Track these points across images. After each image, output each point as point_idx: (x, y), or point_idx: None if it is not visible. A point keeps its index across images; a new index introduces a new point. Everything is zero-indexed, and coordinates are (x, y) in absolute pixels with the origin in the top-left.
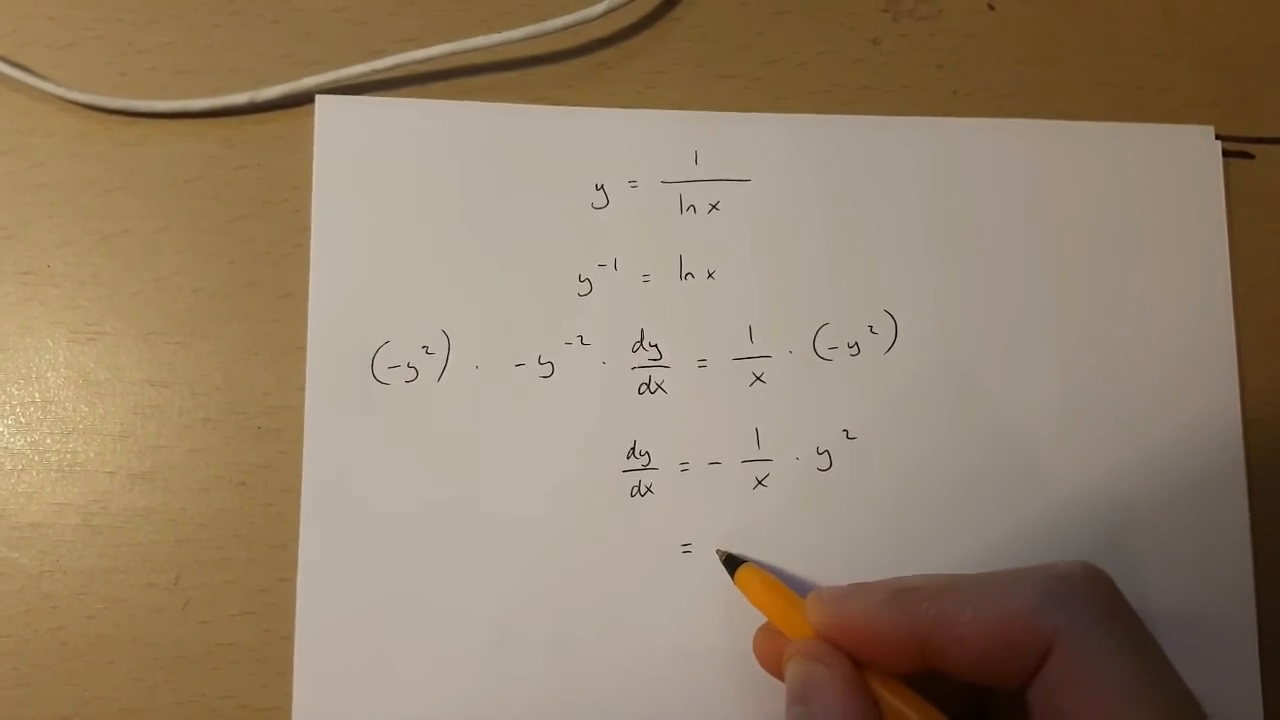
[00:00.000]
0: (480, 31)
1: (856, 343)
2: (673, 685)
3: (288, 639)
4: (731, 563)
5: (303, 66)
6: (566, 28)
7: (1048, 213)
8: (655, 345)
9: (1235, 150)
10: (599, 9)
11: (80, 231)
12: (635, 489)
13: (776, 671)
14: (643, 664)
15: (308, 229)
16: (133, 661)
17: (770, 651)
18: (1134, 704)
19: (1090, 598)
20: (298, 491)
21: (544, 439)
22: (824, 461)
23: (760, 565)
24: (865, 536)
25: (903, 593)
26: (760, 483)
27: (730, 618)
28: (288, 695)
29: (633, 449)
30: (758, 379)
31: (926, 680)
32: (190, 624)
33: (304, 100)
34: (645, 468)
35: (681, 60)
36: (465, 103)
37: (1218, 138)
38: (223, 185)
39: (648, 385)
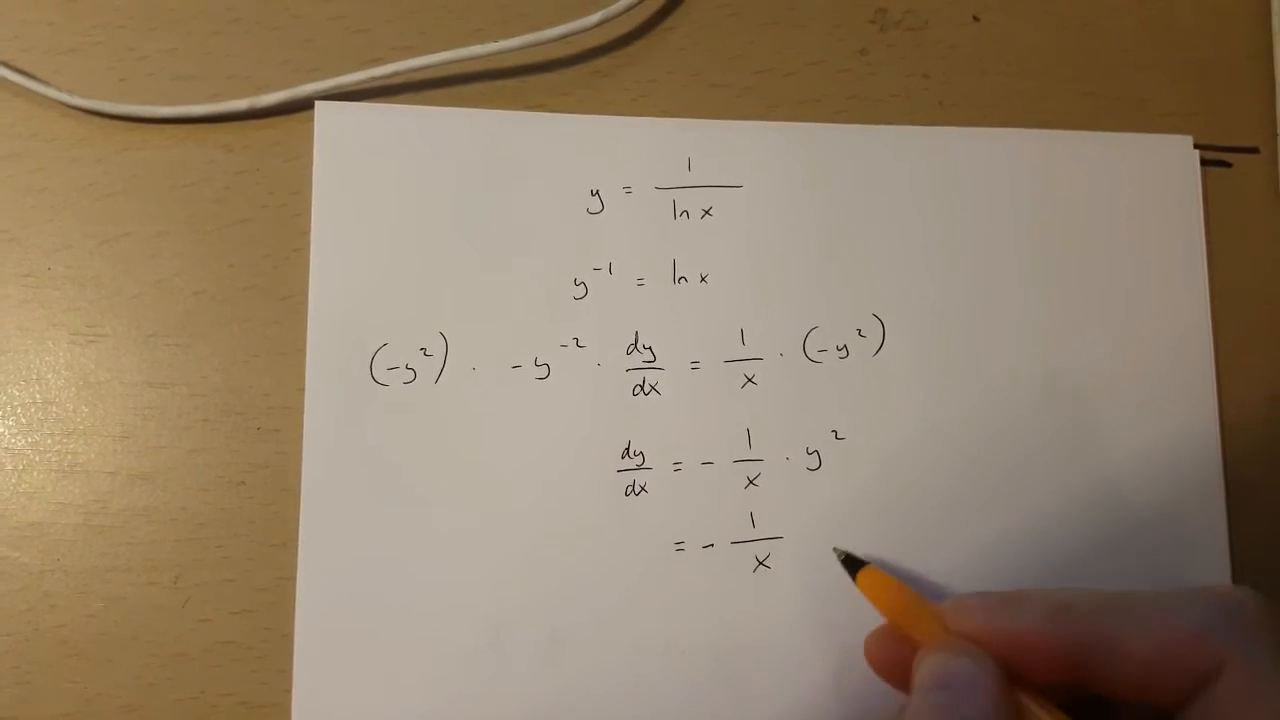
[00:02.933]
0: (477, 40)
1: (845, 346)
2: (666, 682)
3: (287, 637)
4: (851, 563)
5: (302, 73)
6: (562, 37)
7: (1030, 219)
8: (649, 348)
9: (1213, 159)
10: (594, 19)
11: (81, 235)
12: (630, 488)
13: (893, 677)
14: (637, 661)
15: (306, 233)
16: (133, 659)
17: (888, 657)
18: None
19: (1265, 621)
20: (296, 491)
21: (540, 439)
22: (813, 461)
23: (881, 565)
24: (854, 535)
25: (1063, 606)
26: (751, 482)
27: (723, 615)
28: (287, 693)
29: (627, 449)
30: (749, 381)
31: (1067, 689)
32: (190, 622)
33: (303, 106)
34: (639, 468)
35: (674, 69)
36: (462, 109)
37: (1196, 147)
38: (223, 189)
39: (642, 387)
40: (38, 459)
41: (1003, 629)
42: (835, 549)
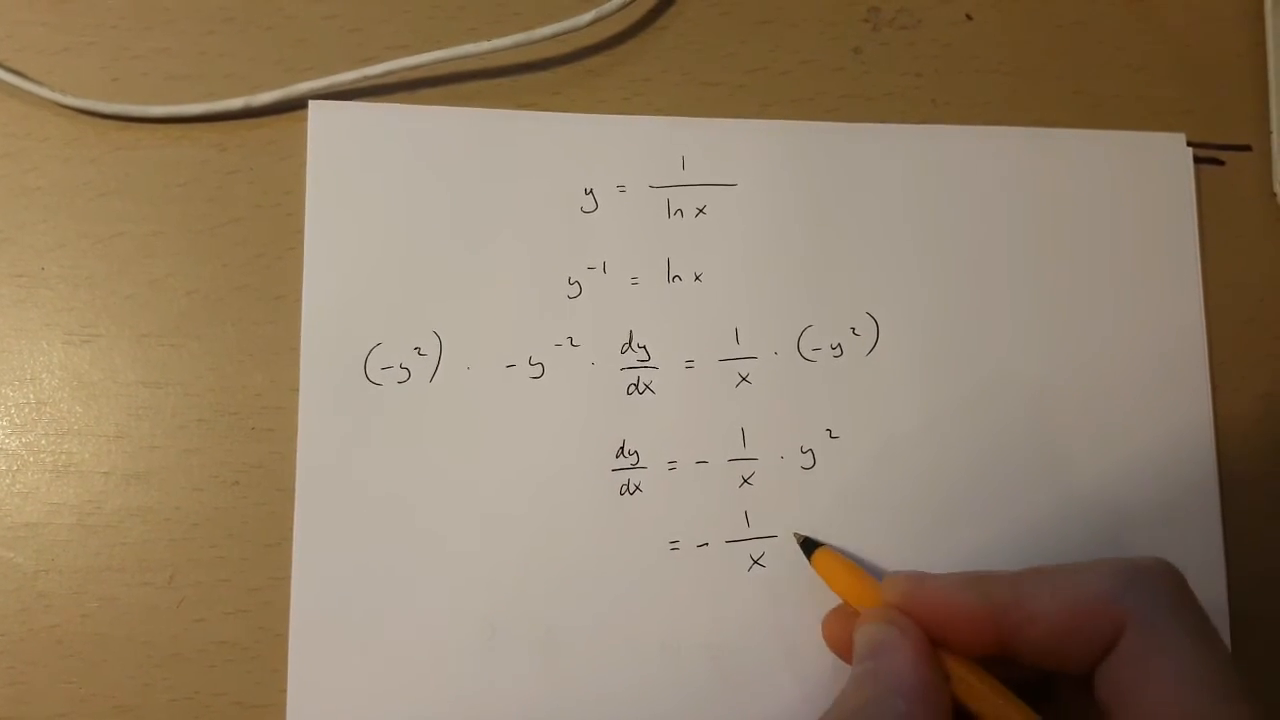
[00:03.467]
0: (470, 39)
1: (839, 344)
2: (661, 681)
3: (281, 637)
4: (808, 546)
5: (296, 73)
6: (555, 36)
7: (1024, 218)
8: (643, 347)
9: (1206, 157)
10: (586, 18)
11: (74, 235)
12: (624, 487)
13: (845, 652)
14: (632, 660)
15: (300, 232)
16: (128, 660)
17: (841, 634)
18: (1199, 687)
19: (1163, 587)
20: (290, 491)
21: (534, 439)
22: (808, 460)
23: (836, 549)
24: (847, 533)
25: (981, 577)
26: (746, 481)
27: (718, 614)
28: (282, 692)
29: (622, 448)
30: (744, 380)
31: (993, 664)
32: (185, 622)
33: (297, 106)
34: (634, 467)
35: (667, 68)
36: (456, 108)
37: (1189, 145)
38: (216, 189)
39: (636, 386)
40: (32, 459)
41: (925, 598)
42: (795, 534)
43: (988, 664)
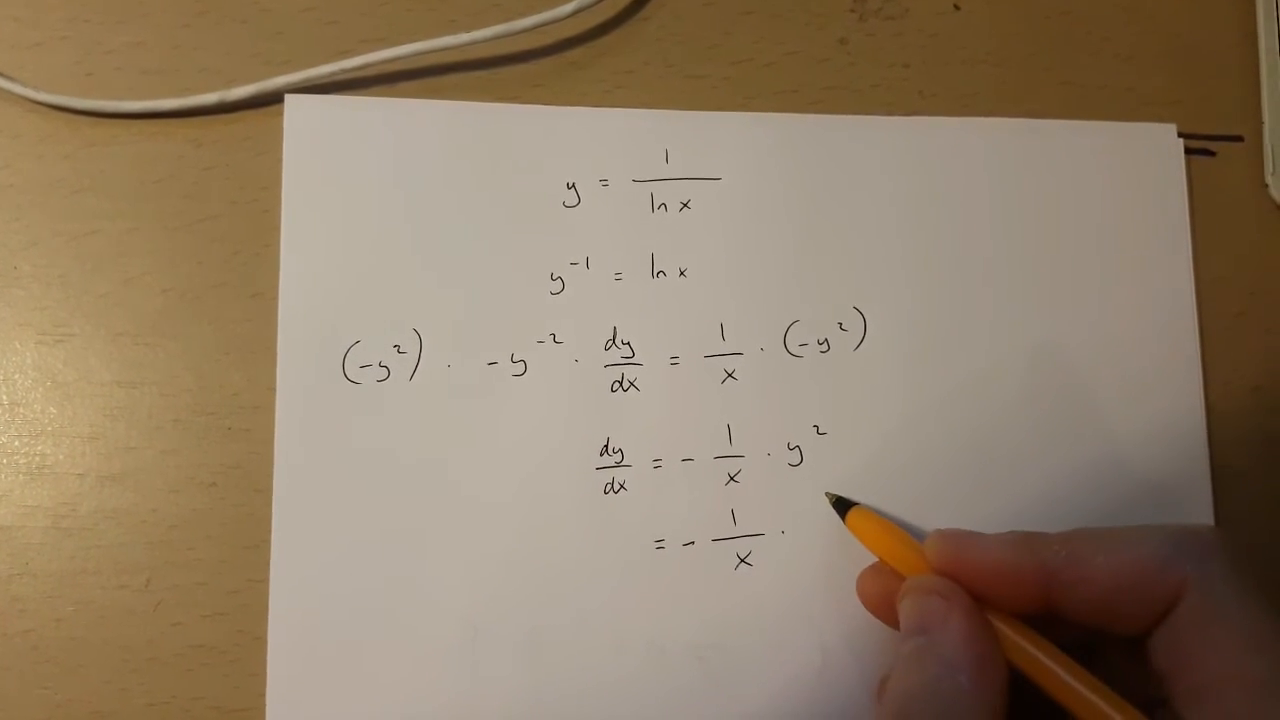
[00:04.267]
0: (449, 31)
1: (826, 339)
2: (647, 681)
3: (260, 640)
4: (841, 505)
5: (272, 66)
6: (535, 27)
7: (1013, 210)
8: (628, 343)
9: (1196, 148)
10: (567, 9)
11: (48, 233)
12: (609, 486)
13: (882, 612)
14: (616, 659)
15: (277, 229)
16: (104, 664)
17: (878, 591)
18: (1259, 651)
19: (1223, 552)
20: (268, 492)
21: (517, 437)
22: (795, 457)
23: (871, 508)
24: (836, 531)
25: (1030, 537)
26: (732, 478)
27: (704, 613)
28: (260, 696)
29: (606, 446)
30: (729, 376)
31: (1040, 623)
32: (162, 626)
33: (273, 100)
34: (618, 465)
35: (650, 60)
36: (435, 101)
37: (1180, 135)
38: (192, 185)
39: (620, 383)
40: (5, 461)
41: (974, 558)
42: (827, 494)
43: (1040, 623)
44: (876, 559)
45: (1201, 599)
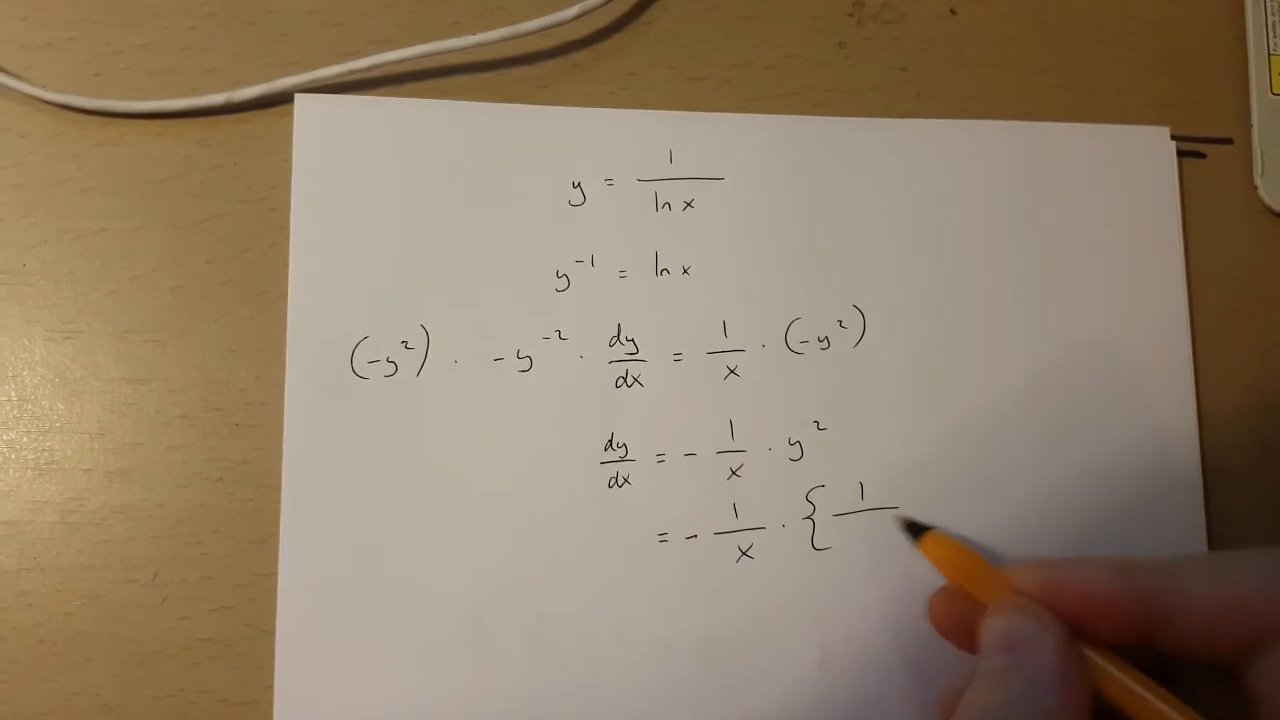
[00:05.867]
0: (455, 33)
1: (827, 337)
2: (649, 673)
3: (266, 633)
4: (914, 529)
5: (279, 67)
6: (540, 30)
7: (1008, 211)
8: (632, 340)
9: (1187, 150)
10: (572, 12)
11: (56, 231)
12: (613, 480)
13: (957, 637)
14: (620, 653)
15: (284, 227)
16: (111, 658)
17: (952, 616)
18: None
19: None
20: (275, 487)
21: (523, 432)
22: (795, 452)
23: (946, 531)
24: (835, 525)
25: (1126, 562)
26: (734, 473)
27: (706, 606)
28: (267, 689)
29: (610, 441)
30: (731, 372)
31: (1123, 653)
32: (169, 620)
33: (280, 100)
34: (622, 459)
35: (653, 62)
36: (442, 102)
37: (1172, 138)
38: (199, 184)
39: (625, 379)
40: (14, 457)
41: (1067, 586)
42: (896, 517)
43: (1119, 653)
44: (947, 582)
45: None
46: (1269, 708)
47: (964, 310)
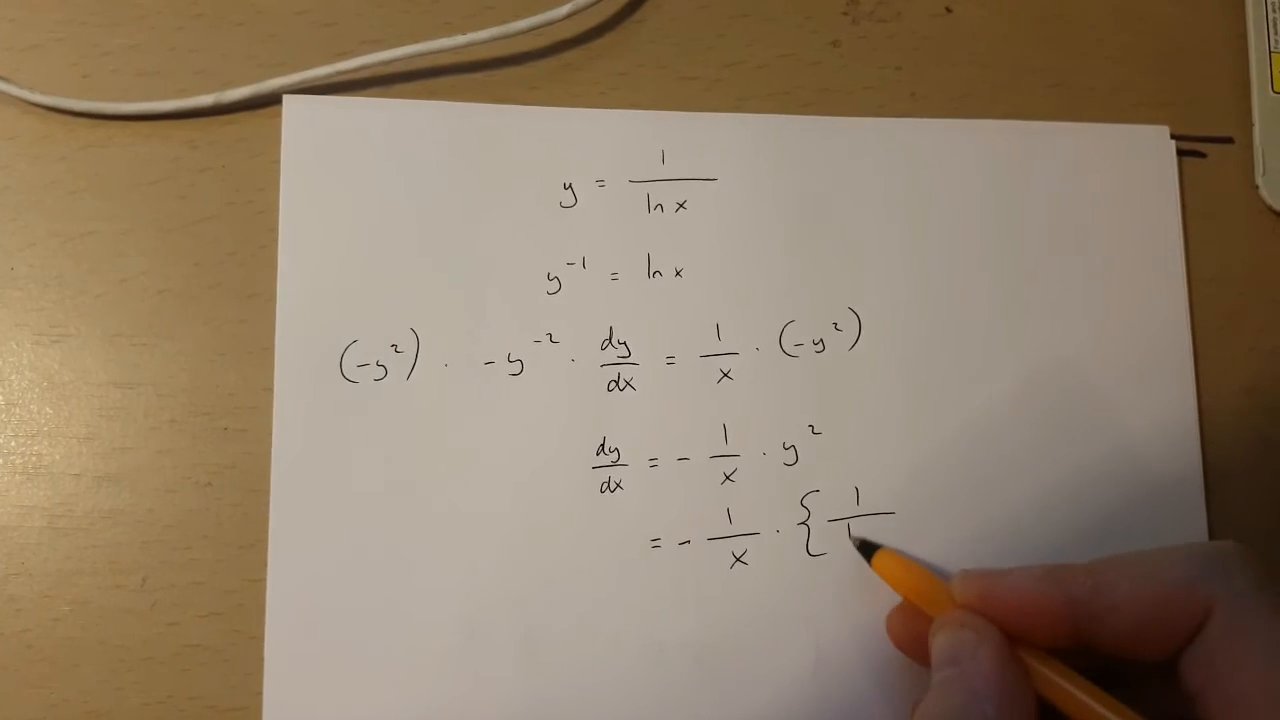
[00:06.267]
0: (445, 33)
1: (821, 340)
2: (644, 679)
3: (256, 639)
4: (866, 549)
5: (267, 68)
6: (531, 30)
7: (1005, 211)
8: (624, 343)
9: (1187, 149)
10: (563, 11)
11: (44, 233)
12: (605, 485)
13: (913, 652)
14: (613, 659)
15: (273, 230)
16: (100, 664)
17: (908, 632)
18: None
19: (1247, 567)
20: (264, 492)
21: (514, 436)
22: (790, 456)
23: (895, 550)
24: (830, 530)
25: (1055, 569)
26: (728, 478)
27: (700, 612)
28: (256, 695)
29: (602, 445)
30: (725, 375)
31: (1064, 656)
32: (158, 625)
33: (269, 102)
34: (615, 464)
35: (645, 62)
36: (432, 102)
37: (1173, 137)
38: (188, 187)
39: (616, 382)
40: (1, 461)
41: (1002, 595)
42: (850, 536)
43: (1060, 655)
44: (902, 599)
45: (1229, 617)
46: (1203, 700)
47: (961, 312)
